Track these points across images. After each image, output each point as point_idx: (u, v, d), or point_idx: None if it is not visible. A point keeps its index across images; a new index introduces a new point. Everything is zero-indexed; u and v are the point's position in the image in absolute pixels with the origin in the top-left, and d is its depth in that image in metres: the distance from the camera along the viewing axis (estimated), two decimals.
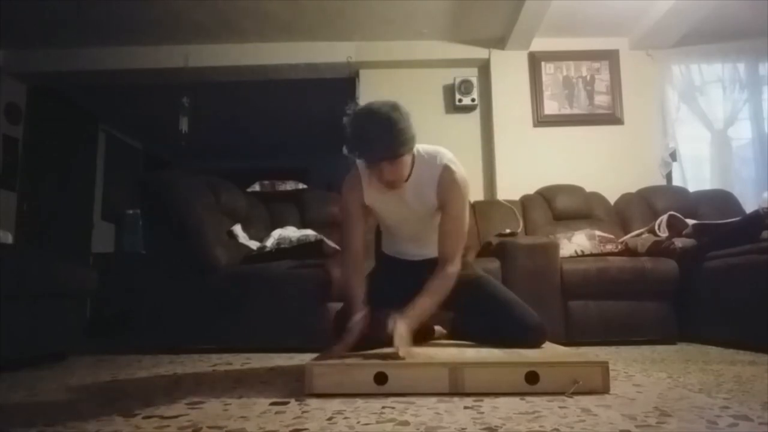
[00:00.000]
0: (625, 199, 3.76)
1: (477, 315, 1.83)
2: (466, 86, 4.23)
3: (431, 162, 1.65)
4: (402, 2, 3.74)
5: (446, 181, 1.63)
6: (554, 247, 2.87)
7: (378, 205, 1.72)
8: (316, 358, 1.44)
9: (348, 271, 1.68)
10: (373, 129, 1.48)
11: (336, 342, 1.55)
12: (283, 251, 2.82)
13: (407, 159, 1.56)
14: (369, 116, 1.50)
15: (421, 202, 1.69)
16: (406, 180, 1.63)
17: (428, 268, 1.83)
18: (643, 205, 3.64)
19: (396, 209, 1.72)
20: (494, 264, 2.82)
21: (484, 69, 4.35)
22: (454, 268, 1.65)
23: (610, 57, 4.26)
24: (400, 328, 1.45)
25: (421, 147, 1.67)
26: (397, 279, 1.77)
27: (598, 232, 3.12)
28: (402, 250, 1.89)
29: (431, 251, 1.84)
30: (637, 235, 3.15)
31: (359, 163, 1.69)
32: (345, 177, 1.75)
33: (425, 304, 1.58)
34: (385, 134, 1.47)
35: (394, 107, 1.51)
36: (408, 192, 1.65)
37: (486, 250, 3.16)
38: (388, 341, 1.43)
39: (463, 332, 1.96)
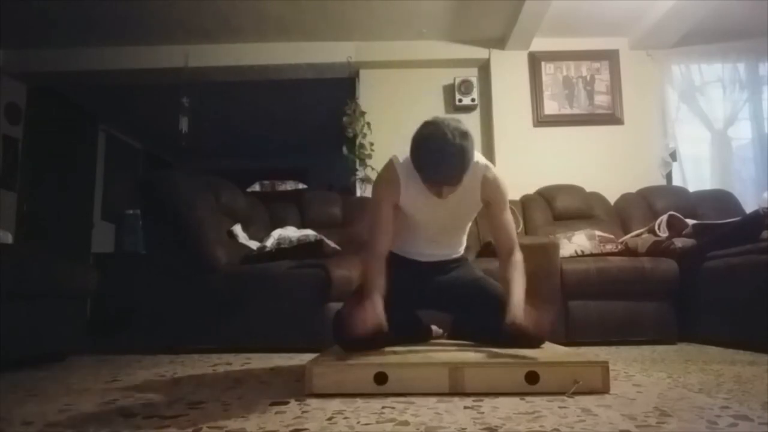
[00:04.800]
0: (625, 199, 3.76)
1: (477, 315, 1.83)
2: (466, 86, 4.23)
3: (474, 167, 1.65)
4: (402, 2, 3.74)
5: (490, 181, 1.70)
6: (554, 247, 2.87)
7: (412, 205, 1.71)
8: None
9: (371, 268, 1.65)
10: (444, 158, 1.49)
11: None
12: (283, 251, 2.82)
13: None
14: (442, 145, 1.48)
15: (461, 205, 1.72)
16: None
17: (436, 270, 1.87)
18: (643, 205, 3.64)
19: (431, 211, 1.72)
20: (494, 264, 2.81)
21: (484, 69, 4.35)
22: (520, 255, 1.72)
23: (610, 57, 4.26)
24: (518, 315, 1.51)
25: None
26: (402, 279, 1.77)
27: (598, 232, 3.12)
28: (415, 250, 1.87)
29: (444, 253, 1.90)
30: (637, 235, 3.14)
31: (397, 162, 1.69)
32: (381, 173, 1.74)
33: (521, 294, 1.62)
34: (456, 165, 1.50)
35: (465, 135, 1.51)
36: (450, 197, 1.64)
37: (486, 250, 3.16)
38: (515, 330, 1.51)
39: (463, 332, 1.96)
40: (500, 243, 1.76)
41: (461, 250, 1.96)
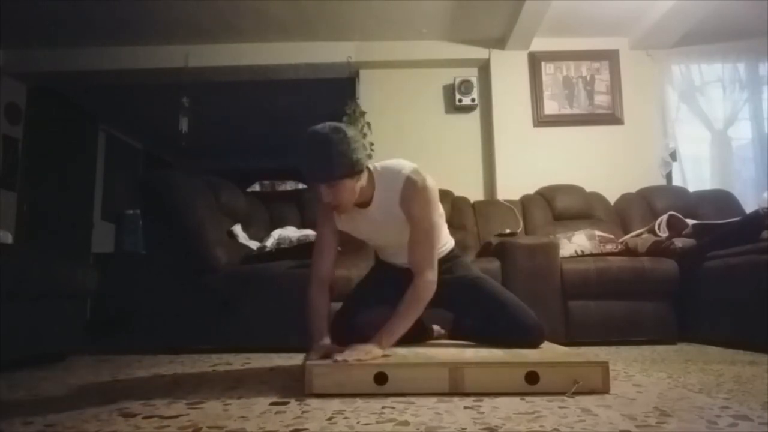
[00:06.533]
0: (625, 199, 3.76)
1: (476, 316, 1.84)
2: (466, 86, 4.22)
3: (392, 178, 1.59)
4: (402, 2, 3.74)
5: (407, 192, 1.57)
6: (554, 247, 2.87)
7: (351, 229, 1.73)
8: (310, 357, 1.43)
9: (312, 295, 1.64)
10: (309, 151, 1.45)
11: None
12: (283, 251, 2.82)
13: (349, 184, 1.49)
14: (308, 137, 1.46)
15: (391, 219, 1.63)
16: (369, 203, 1.62)
17: None
18: (643, 205, 3.64)
19: (368, 230, 1.73)
20: (494, 264, 2.82)
21: (484, 69, 4.35)
22: (431, 275, 1.57)
23: (610, 57, 4.26)
24: (373, 351, 1.40)
25: (380, 165, 1.63)
26: (390, 279, 1.79)
27: (598, 232, 3.12)
28: (390, 260, 1.90)
29: None
30: (637, 235, 3.14)
31: None
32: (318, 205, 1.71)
33: (395, 327, 1.51)
34: (319, 157, 1.43)
35: (335, 129, 1.45)
36: (375, 212, 1.63)
37: (486, 250, 3.16)
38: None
39: (463, 332, 1.96)
40: (411, 261, 1.60)
41: (443, 251, 1.87)
